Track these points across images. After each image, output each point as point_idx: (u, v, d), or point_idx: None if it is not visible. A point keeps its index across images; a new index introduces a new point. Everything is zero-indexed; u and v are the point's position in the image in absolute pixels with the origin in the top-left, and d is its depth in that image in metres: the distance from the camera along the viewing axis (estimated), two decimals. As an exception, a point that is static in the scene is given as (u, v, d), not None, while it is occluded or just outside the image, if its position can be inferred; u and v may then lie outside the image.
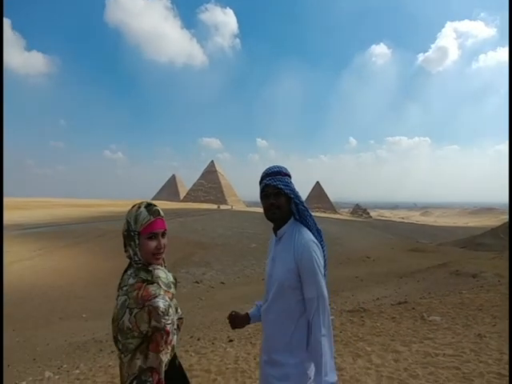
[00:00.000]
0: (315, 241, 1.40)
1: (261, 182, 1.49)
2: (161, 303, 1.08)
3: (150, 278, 1.15)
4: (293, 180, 1.52)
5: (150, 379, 1.06)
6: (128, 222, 1.20)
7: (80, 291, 11.19)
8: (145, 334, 1.07)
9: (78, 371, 4.56)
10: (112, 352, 5.74)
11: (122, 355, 1.08)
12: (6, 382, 4.73)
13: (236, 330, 1.71)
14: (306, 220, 1.47)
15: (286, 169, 1.51)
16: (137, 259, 1.18)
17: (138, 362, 1.07)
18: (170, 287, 1.20)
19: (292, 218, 1.48)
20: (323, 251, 1.45)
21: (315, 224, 1.50)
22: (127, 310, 1.07)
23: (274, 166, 1.50)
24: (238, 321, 1.61)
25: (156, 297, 1.09)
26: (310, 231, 1.44)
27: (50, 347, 6.90)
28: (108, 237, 20.06)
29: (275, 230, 1.51)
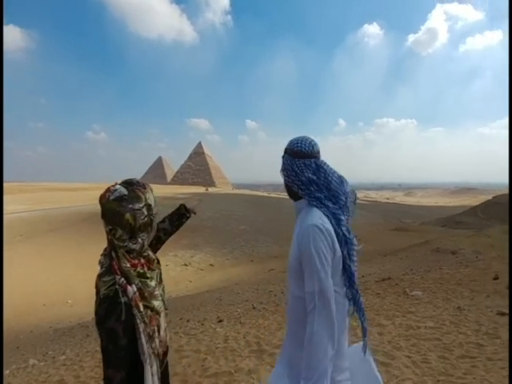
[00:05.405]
0: (319, 225, 1.12)
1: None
2: None
3: None
4: None
5: None
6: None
7: (65, 277, 10.99)
8: None
9: (64, 357, 4.50)
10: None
11: None
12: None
13: (225, 310, 1.68)
14: (313, 199, 1.22)
15: (289, 143, 1.28)
16: None
17: None
18: None
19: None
20: (341, 235, 1.16)
21: (332, 198, 1.21)
22: None
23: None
24: None
25: None
26: (322, 209, 1.19)
27: (34, 334, 6.79)
28: (93, 220, 19.66)
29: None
